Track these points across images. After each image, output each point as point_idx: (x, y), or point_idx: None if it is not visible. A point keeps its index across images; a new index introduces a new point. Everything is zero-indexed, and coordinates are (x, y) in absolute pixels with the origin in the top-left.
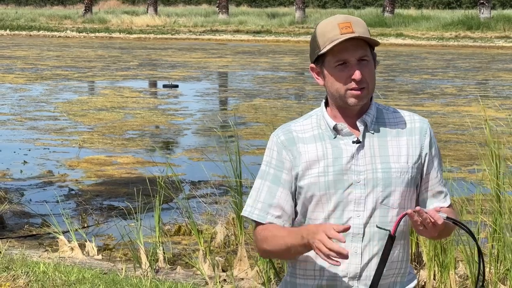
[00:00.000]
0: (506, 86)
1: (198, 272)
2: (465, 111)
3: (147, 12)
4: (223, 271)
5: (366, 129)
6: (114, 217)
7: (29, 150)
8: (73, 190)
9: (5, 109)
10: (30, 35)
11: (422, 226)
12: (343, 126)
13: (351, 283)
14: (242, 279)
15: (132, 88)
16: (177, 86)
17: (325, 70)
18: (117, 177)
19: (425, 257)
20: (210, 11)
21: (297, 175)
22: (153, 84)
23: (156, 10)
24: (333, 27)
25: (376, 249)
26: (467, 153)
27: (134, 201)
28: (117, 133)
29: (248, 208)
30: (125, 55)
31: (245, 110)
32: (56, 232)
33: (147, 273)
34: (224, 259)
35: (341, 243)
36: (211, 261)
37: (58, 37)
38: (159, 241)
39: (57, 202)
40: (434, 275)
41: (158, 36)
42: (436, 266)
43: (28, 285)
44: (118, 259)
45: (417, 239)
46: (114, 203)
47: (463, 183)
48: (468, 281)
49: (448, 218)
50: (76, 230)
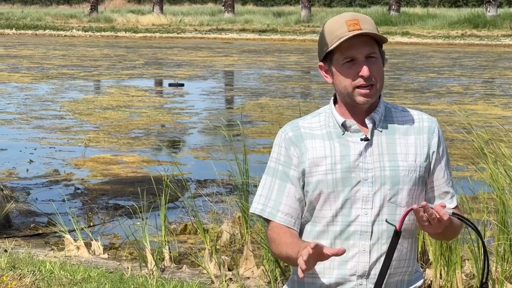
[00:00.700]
0: None
1: (204, 271)
2: (471, 110)
3: (153, 11)
4: (229, 270)
5: (374, 126)
6: (120, 216)
7: (35, 149)
8: (79, 189)
9: (11, 108)
10: (36, 34)
11: (427, 222)
12: (352, 123)
13: (359, 281)
14: (248, 278)
15: (138, 87)
16: (182, 85)
17: (333, 67)
18: (123, 176)
19: (431, 256)
20: (216, 10)
21: (303, 171)
22: (159, 83)
23: (162, 9)
24: (341, 24)
25: (384, 248)
26: (473, 151)
27: (140, 200)
28: (123, 132)
29: (260, 206)
30: (130, 54)
31: (251, 108)
32: (62, 231)
33: (153, 272)
34: (230, 258)
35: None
36: (217, 260)
37: (64, 36)
38: (165, 240)
39: (63, 201)
40: (441, 274)
41: (164, 35)
42: (442, 264)
43: (34, 284)
44: (124, 258)
45: (423, 238)
46: (120, 202)
47: (469, 181)
48: (475, 280)
49: (454, 214)
50: (82, 229)
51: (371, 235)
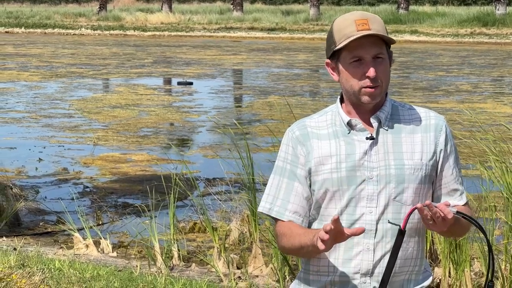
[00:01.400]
0: None
1: (213, 270)
2: (480, 108)
3: (162, 10)
4: (238, 268)
5: (380, 125)
6: (129, 215)
7: (44, 148)
8: (88, 187)
9: (20, 106)
10: (45, 33)
11: (432, 221)
12: (357, 122)
13: (363, 279)
14: (257, 276)
15: (147, 85)
16: (191, 84)
17: (340, 66)
18: (131, 175)
19: (440, 254)
20: (225, 9)
21: (309, 170)
22: (168, 82)
23: (170, 8)
24: (349, 23)
25: (389, 246)
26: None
27: (148, 199)
28: (132, 130)
29: (267, 205)
30: (139, 52)
31: (259, 107)
32: (71, 229)
33: (161, 270)
34: (238, 256)
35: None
36: (225, 259)
37: (73, 34)
38: (174, 238)
39: (72, 199)
40: (449, 273)
41: (173, 34)
42: (451, 263)
43: (43, 282)
44: (133, 256)
45: (432, 237)
46: (129, 200)
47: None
48: (483, 279)
49: (458, 213)
50: (91, 227)
51: (375, 234)
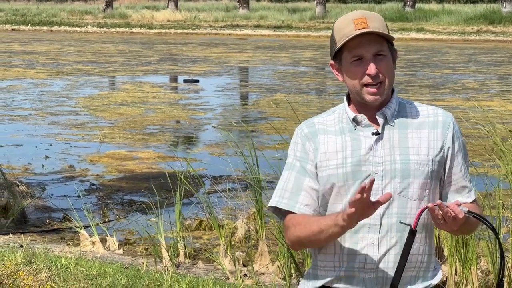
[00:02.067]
0: None
1: (219, 267)
2: (487, 106)
3: (168, 7)
4: (244, 266)
5: (385, 121)
6: (135, 212)
7: (50, 145)
8: (94, 184)
9: (26, 104)
10: (51, 30)
11: (443, 220)
12: (363, 118)
13: (368, 274)
14: (263, 273)
15: (153, 83)
16: (197, 81)
17: (342, 66)
18: (138, 172)
19: (446, 252)
20: (231, 6)
21: (317, 166)
22: (174, 79)
23: (176, 5)
24: (348, 23)
25: (393, 241)
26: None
27: (154, 196)
28: (138, 128)
29: (276, 198)
30: (145, 50)
31: (266, 105)
32: (77, 227)
33: (167, 267)
34: (245, 254)
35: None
36: (232, 256)
37: (79, 32)
38: (180, 236)
39: (79, 196)
40: (456, 270)
41: (179, 31)
42: (457, 261)
43: (50, 279)
44: (139, 253)
45: (438, 234)
46: (135, 197)
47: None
48: (490, 276)
49: (469, 212)
50: (97, 224)
51: (380, 228)
